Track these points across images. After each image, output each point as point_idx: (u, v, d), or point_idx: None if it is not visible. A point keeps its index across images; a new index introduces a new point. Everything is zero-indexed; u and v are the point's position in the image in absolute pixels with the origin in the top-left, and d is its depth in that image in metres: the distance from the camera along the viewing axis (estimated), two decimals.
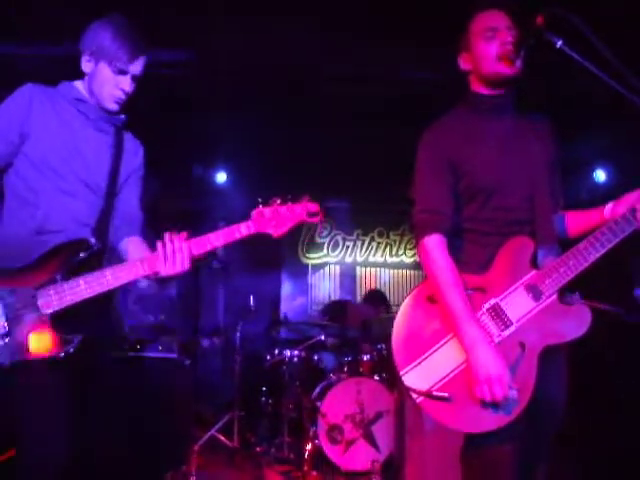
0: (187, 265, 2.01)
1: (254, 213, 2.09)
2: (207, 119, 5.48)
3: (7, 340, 1.86)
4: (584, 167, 6.44)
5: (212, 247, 2.05)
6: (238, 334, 5.23)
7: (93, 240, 2.01)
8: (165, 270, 1.99)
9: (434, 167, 2.01)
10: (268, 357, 5.24)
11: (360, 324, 5.83)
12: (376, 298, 6.13)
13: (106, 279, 1.96)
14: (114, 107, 2.17)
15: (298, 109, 5.46)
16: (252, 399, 5.30)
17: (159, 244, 2.01)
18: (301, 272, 7.28)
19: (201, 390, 4.80)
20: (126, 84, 2.14)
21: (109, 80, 2.12)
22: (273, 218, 2.08)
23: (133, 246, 2.22)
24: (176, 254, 1.99)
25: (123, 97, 2.16)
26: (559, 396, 1.97)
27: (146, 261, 2.01)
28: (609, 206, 2.00)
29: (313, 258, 7.33)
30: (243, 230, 2.07)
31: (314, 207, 2.13)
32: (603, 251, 1.86)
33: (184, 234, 2.04)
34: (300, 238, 7.28)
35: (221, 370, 5.45)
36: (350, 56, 4.88)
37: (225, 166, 6.74)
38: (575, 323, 1.83)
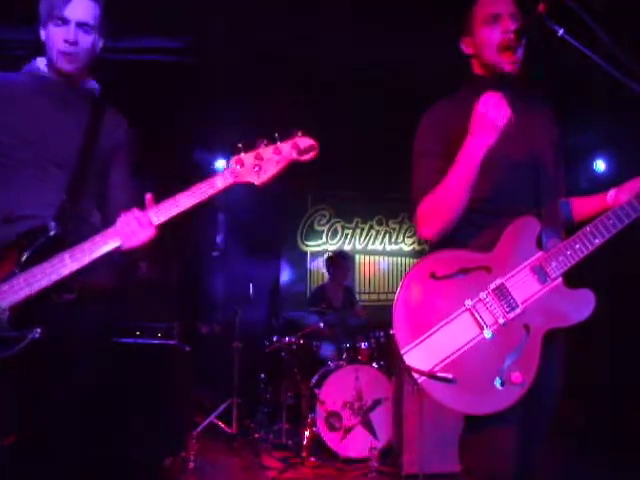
0: (149, 233, 1.87)
1: (232, 161, 1.85)
2: (208, 105, 5.46)
3: None
4: (584, 157, 6.44)
5: (183, 208, 1.86)
6: (237, 321, 5.24)
7: (52, 224, 1.88)
8: (126, 242, 1.87)
9: (429, 149, 1.99)
10: (267, 344, 5.26)
11: (341, 290, 5.88)
12: (338, 258, 6.13)
13: (64, 263, 1.83)
14: (67, 67, 2.02)
15: (297, 97, 5.43)
16: (251, 386, 5.32)
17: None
18: (300, 260, 7.28)
19: (200, 377, 4.81)
20: (69, 33, 1.97)
21: (54, 35, 1.99)
22: (255, 163, 1.83)
23: None
24: (132, 224, 1.85)
25: (70, 49, 1.99)
26: (557, 381, 1.97)
27: (106, 236, 1.87)
28: (612, 192, 2.03)
29: (312, 246, 7.33)
30: (219, 183, 1.86)
31: (307, 142, 1.85)
32: (608, 236, 1.86)
33: (149, 198, 1.89)
34: (299, 226, 7.28)
35: (220, 357, 5.46)
36: (349, 43, 4.86)
37: (224, 153, 6.72)
38: (580, 306, 1.82)
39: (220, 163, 6.72)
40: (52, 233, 1.88)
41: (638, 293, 5.11)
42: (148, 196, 1.89)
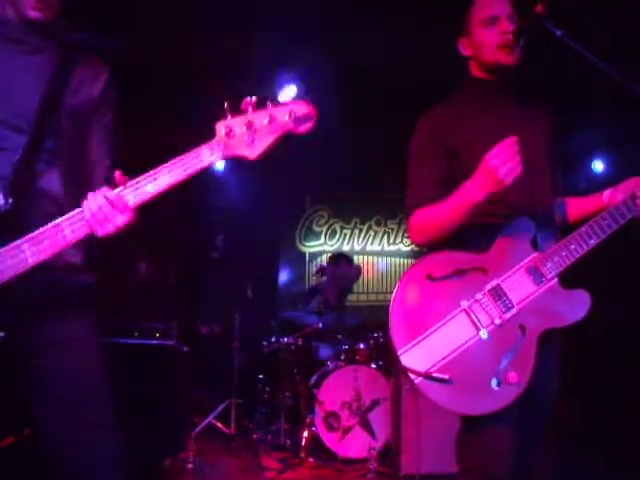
0: (125, 218, 1.53)
1: (219, 128, 1.51)
2: (207, 104, 5.45)
3: None
4: (583, 158, 6.44)
5: (165, 187, 1.53)
6: (236, 322, 5.24)
7: (1, 200, 1.57)
8: (99, 230, 1.53)
9: (426, 153, 2.00)
10: (265, 345, 5.26)
11: (337, 289, 5.84)
12: (337, 258, 6.08)
13: (23, 256, 1.51)
14: (35, 14, 1.67)
15: (297, 97, 5.43)
16: (249, 386, 5.31)
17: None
18: (298, 260, 7.28)
19: (199, 377, 4.82)
20: None
21: None
22: (247, 133, 1.50)
23: None
24: (104, 208, 1.52)
25: None
26: (553, 381, 1.98)
27: (73, 222, 1.54)
28: (608, 192, 2.04)
29: (310, 246, 7.33)
30: (206, 156, 1.52)
31: (304, 108, 1.51)
32: (604, 236, 1.88)
33: (118, 176, 1.54)
34: (297, 226, 7.28)
35: (219, 357, 5.46)
36: (350, 43, 4.87)
37: None
38: (575, 307, 1.83)
39: (219, 165, 6.72)
40: (2, 210, 1.58)
41: (634, 293, 5.12)
42: (117, 173, 1.55)
